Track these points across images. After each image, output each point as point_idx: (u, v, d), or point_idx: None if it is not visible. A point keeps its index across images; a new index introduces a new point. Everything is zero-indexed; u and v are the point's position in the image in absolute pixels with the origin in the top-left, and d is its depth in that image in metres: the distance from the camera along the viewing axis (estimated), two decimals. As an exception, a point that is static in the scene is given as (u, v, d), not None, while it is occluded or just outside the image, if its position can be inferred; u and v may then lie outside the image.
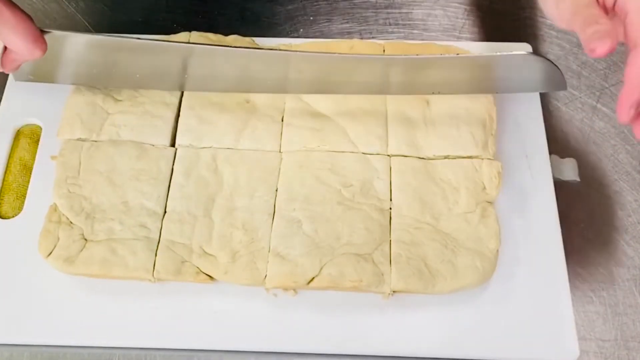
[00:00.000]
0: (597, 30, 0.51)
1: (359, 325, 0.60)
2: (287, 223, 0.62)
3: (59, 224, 0.61)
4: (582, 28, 0.52)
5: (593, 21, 0.51)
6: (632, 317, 0.63)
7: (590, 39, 0.51)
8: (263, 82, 0.66)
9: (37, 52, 0.57)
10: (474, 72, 0.64)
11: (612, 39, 0.50)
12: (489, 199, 0.64)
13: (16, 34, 0.55)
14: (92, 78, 0.67)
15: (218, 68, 0.65)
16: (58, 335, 0.60)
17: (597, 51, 0.50)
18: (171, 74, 0.66)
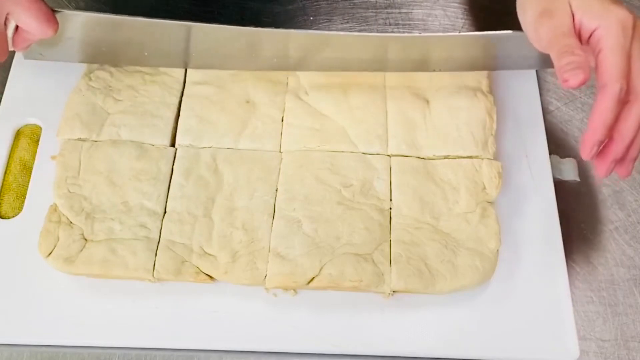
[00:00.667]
0: (571, 61, 0.52)
1: (359, 325, 0.60)
2: (287, 223, 0.62)
3: (59, 224, 0.61)
4: (557, 57, 0.53)
5: (568, 51, 0.52)
6: (632, 317, 0.63)
7: (564, 69, 0.52)
8: (271, 60, 0.67)
9: (50, 31, 0.58)
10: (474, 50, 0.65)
11: (585, 71, 0.51)
12: (489, 199, 0.64)
13: (29, 13, 0.57)
14: (101, 56, 0.68)
15: (223, 46, 0.66)
16: (58, 335, 0.60)
17: (569, 82, 0.51)
18: (178, 51, 0.67)
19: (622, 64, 0.52)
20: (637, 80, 0.53)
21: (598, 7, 0.54)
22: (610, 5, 0.53)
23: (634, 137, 0.53)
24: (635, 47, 0.53)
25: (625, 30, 0.52)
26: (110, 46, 0.67)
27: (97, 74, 0.69)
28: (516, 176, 0.67)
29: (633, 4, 0.81)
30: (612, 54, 0.52)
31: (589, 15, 0.54)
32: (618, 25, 0.52)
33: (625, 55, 0.52)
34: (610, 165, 0.55)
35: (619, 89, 0.51)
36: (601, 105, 0.52)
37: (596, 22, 0.53)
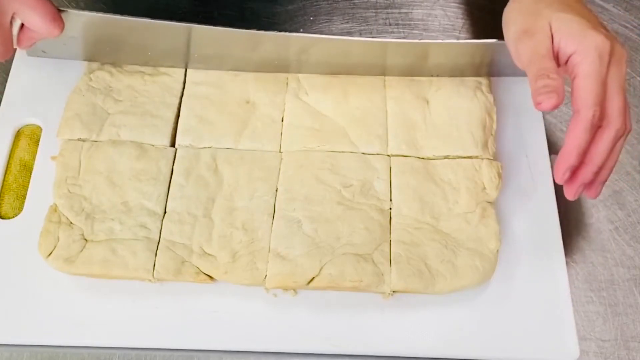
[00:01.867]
0: (546, 84, 0.52)
1: (359, 325, 0.60)
2: (287, 223, 0.62)
3: (59, 224, 0.61)
4: (533, 78, 0.54)
5: (545, 74, 0.53)
6: (632, 317, 0.63)
7: (538, 92, 0.52)
8: (272, 63, 0.67)
9: (56, 30, 0.59)
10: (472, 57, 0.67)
11: (559, 95, 0.52)
12: (489, 199, 0.64)
13: (35, 12, 0.57)
14: (104, 54, 0.69)
15: (226, 47, 0.66)
16: (58, 335, 0.60)
17: (542, 105, 0.52)
18: (179, 52, 0.68)
19: (596, 91, 0.52)
20: (611, 105, 0.53)
21: (577, 31, 0.54)
22: (589, 30, 0.54)
23: (603, 161, 0.54)
24: (612, 73, 0.53)
25: (601, 57, 0.53)
26: (113, 45, 0.67)
27: (97, 74, 0.69)
28: (516, 176, 0.67)
29: (633, 4, 0.81)
30: (586, 80, 0.53)
31: (566, 39, 0.54)
32: (595, 51, 0.53)
33: (600, 82, 0.53)
34: (578, 189, 0.56)
35: (592, 116, 0.52)
36: (574, 131, 0.53)
37: (573, 46, 0.54)
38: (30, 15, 0.57)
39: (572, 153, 0.53)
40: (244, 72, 0.70)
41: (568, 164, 0.54)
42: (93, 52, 0.69)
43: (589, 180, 0.55)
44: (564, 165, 0.54)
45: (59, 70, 0.71)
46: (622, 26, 0.80)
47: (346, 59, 0.67)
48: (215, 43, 0.66)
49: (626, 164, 0.71)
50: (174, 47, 0.67)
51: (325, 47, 0.66)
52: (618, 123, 0.53)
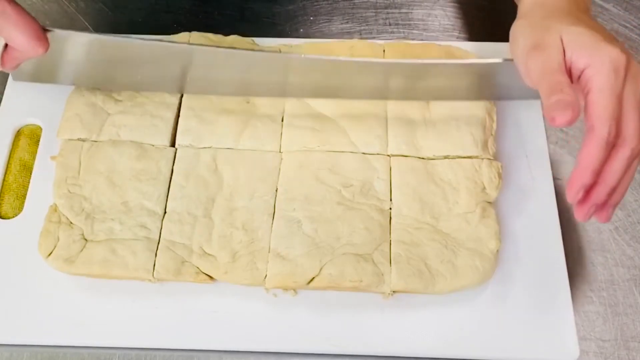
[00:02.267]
0: (560, 99, 0.49)
1: (359, 325, 0.60)
2: (287, 223, 0.62)
3: (59, 224, 0.61)
4: (546, 94, 0.50)
5: (558, 89, 0.50)
6: (632, 317, 0.63)
7: (552, 107, 0.49)
8: (263, 86, 0.66)
9: (40, 49, 0.56)
10: (475, 78, 0.65)
11: (574, 110, 0.48)
12: (488, 199, 0.64)
13: (19, 30, 0.55)
14: (93, 79, 0.67)
15: (219, 71, 0.65)
16: (58, 335, 0.60)
17: (557, 121, 0.49)
18: (172, 76, 0.66)
19: (611, 106, 0.50)
20: (626, 123, 0.50)
21: (590, 44, 0.51)
22: (602, 43, 0.51)
23: (617, 181, 0.51)
24: (628, 88, 0.51)
25: (617, 71, 0.50)
26: (101, 67, 0.65)
27: (97, 74, 0.69)
28: (516, 176, 0.67)
29: (633, 4, 0.81)
30: (601, 95, 0.50)
31: (579, 53, 0.51)
32: (609, 65, 0.50)
33: (615, 97, 0.50)
34: (590, 210, 0.52)
35: (607, 133, 0.49)
36: (588, 148, 0.50)
37: (587, 60, 0.51)
38: (14, 32, 0.55)
39: (586, 171, 0.50)
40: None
41: (581, 183, 0.50)
42: (82, 76, 0.66)
43: (601, 201, 0.52)
44: (577, 184, 0.50)
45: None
46: (622, 26, 0.80)
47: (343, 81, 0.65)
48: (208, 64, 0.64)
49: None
50: (165, 69, 0.65)
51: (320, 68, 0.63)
52: (634, 142, 0.50)
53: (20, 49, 0.56)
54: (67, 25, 0.79)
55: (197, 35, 0.72)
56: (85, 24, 0.79)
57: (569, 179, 0.51)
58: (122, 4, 0.81)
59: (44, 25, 0.57)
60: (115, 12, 0.81)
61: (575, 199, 0.51)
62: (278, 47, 0.72)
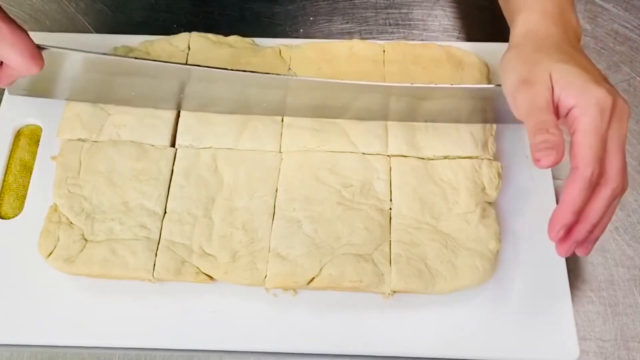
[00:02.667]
0: (545, 139, 0.50)
1: (359, 325, 0.60)
2: (287, 223, 0.62)
3: (59, 224, 0.61)
4: (532, 132, 0.51)
5: (544, 129, 0.51)
6: (632, 317, 0.63)
7: (537, 147, 0.51)
8: (260, 105, 0.66)
9: (34, 68, 0.57)
10: (476, 102, 0.65)
11: (558, 152, 0.50)
12: (488, 199, 0.64)
13: (14, 50, 0.55)
14: (87, 95, 0.67)
15: (214, 90, 0.65)
16: (58, 335, 0.60)
17: (541, 162, 0.50)
18: (167, 94, 0.66)
19: (596, 147, 0.50)
20: (610, 163, 0.51)
21: (578, 84, 0.52)
22: (590, 83, 0.52)
23: (598, 219, 0.52)
24: (613, 129, 0.51)
25: (602, 112, 0.51)
26: (97, 85, 0.66)
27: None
28: (516, 176, 0.67)
29: (633, 4, 0.81)
30: (586, 136, 0.51)
31: (567, 92, 0.52)
32: (596, 106, 0.51)
33: (599, 139, 0.51)
34: (571, 246, 0.53)
35: (590, 174, 0.50)
36: (571, 188, 0.51)
37: (574, 100, 0.52)
38: (8, 51, 0.55)
39: (568, 211, 0.51)
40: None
41: (563, 222, 0.52)
42: (76, 92, 0.67)
43: (582, 238, 0.53)
44: (558, 224, 0.52)
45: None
46: (622, 26, 0.80)
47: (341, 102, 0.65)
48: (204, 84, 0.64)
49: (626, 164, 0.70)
50: (158, 87, 0.65)
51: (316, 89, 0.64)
52: (616, 182, 0.52)
53: (15, 68, 0.57)
54: (67, 25, 0.79)
55: (197, 35, 0.72)
56: (85, 24, 0.79)
57: (551, 217, 0.52)
58: (122, 4, 0.81)
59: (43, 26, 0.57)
60: (115, 12, 0.81)
61: (557, 238, 0.52)
62: (278, 47, 0.72)
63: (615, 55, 0.77)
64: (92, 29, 0.79)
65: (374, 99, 0.65)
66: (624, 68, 0.77)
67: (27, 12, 0.79)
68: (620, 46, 0.78)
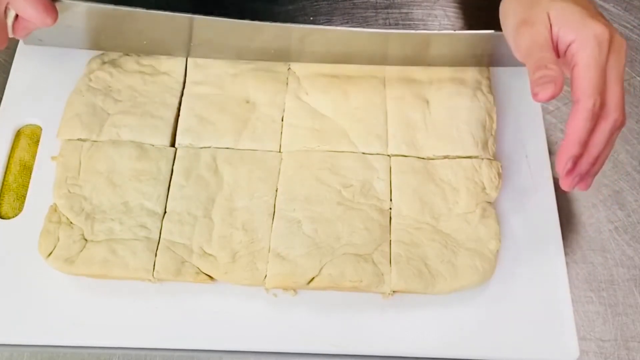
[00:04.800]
0: (544, 75, 0.52)
1: (359, 325, 0.60)
2: (287, 223, 0.62)
3: (59, 224, 0.61)
4: (532, 69, 0.53)
5: (542, 65, 0.52)
6: (632, 317, 0.63)
7: (536, 82, 0.52)
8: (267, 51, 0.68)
9: (49, 20, 0.59)
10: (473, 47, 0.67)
11: (557, 86, 0.51)
12: (488, 199, 0.64)
13: (28, 2, 0.58)
14: (100, 43, 0.70)
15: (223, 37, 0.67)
16: (58, 335, 0.60)
17: (539, 96, 0.51)
18: (177, 41, 0.68)
19: (596, 79, 0.52)
20: (609, 96, 0.53)
21: (575, 20, 0.53)
22: (587, 19, 0.53)
23: (600, 152, 0.54)
24: (611, 62, 0.53)
25: (601, 45, 0.52)
26: (109, 34, 0.68)
27: (97, 75, 0.69)
28: (516, 176, 0.67)
29: (633, 4, 0.81)
30: (586, 69, 0.52)
31: (565, 29, 0.54)
32: (594, 40, 0.52)
33: (600, 70, 0.52)
34: (574, 179, 0.55)
35: (592, 105, 0.51)
36: (575, 121, 0.52)
37: (572, 35, 0.53)
38: (23, 5, 0.58)
39: (574, 143, 0.52)
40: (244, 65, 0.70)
41: (570, 154, 0.53)
42: (89, 41, 0.69)
43: (585, 171, 0.54)
44: (566, 155, 0.53)
45: (59, 71, 0.71)
46: (622, 26, 0.80)
47: (346, 48, 0.67)
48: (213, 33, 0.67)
49: (626, 164, 0.71)
50: (172, 37, 0.68)
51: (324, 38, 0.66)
52: (616, 114, 0.53)
53: (30, 20, 0.59)
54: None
55: None
56: (85, 24, 0.79)
57: (559, 151, 0.53)
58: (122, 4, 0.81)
59: None
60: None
61: (565, 170, 0.53)
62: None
63: (615, 55, 0.77)
64: (92, 29, 0.79)
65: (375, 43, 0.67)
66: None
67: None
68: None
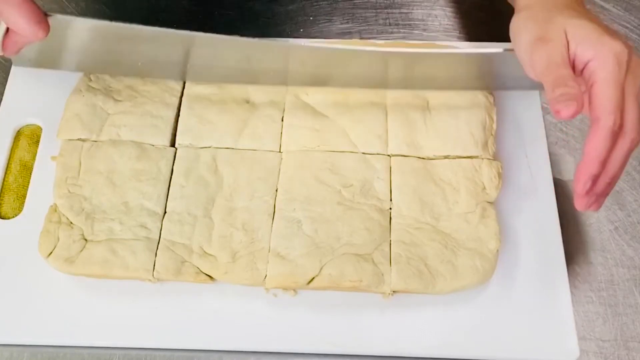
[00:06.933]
0: (565, 92, 0.50)
1: (359, 325, 0.60)
2: (287, 223, 0.62)
3: (59, 224, 0.61)
4: (551, 87, 0.51)
5: (562, 83, 0.51)
6: (632, 317, 0.63)
7: (557, 100, 0.50)
8: (264, 74, 0.66)
9: (40, 33, 0.56)
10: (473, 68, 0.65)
11: (579, 103, 0.49)
12: (488, 199, 0.64)
13: (19, 14, 0.55)
14: (94, 64, 0.67)
15: (219, 58, 0.65)
16: (58, 335, 0.60)
17: (561, 114, 0.50)
18: (173, 63, 0.66)
19: (615, 97, 0.51)
20: (628, 114, 0.51)
21: (593, 37, 0.52)
22: (605, 36, 0.52)
23: (617, 171, 0.52)
24: (629, 81, 0.52)
25: (620, 64, 0.51)
26: (102, 54, 0.65)
27: (97, 75, 0.69)
28: (516, 176, 0.67)
29: (633, 4, 0.81)
30: (606, 86, 0.51)
31: (583, 46, 0.52)
32: (613, 57, 0.51)
33: (619, 89, 0.51)
34: (591, 199, 0.53)
35: (612, 123, 0.50)
36: (594, 139, 0.51)
37: (591, 53, 0.52)
38: (14, 15, 0.55)
39: (594, 162, 0.51)
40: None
41: (590, 173, 0.51)
42: (82, 62, 0.66)
43: (601, 190, 0.53)
44: (585, 174, 0.51)
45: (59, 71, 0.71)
46: (622, 26, 0.80)
47: (343, 69, 0.66)
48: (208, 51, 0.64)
49: (626, 164, 0.71)
50: (166, 55, 0.65)
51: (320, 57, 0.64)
52: (633, 133, 0.51)
53: (21, 33, 0.57)
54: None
55: None
56: (85, 24, 0.79)
57: (577, 170, 0.52)
58: (122, 4, 0.81)
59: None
60: (115, 12, 0.81)
61: (584, 189, 0.52)
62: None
63: (615, 55, 0.77)
64: (92, 29, 0.79)
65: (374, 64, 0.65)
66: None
67: None
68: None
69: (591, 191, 0.52)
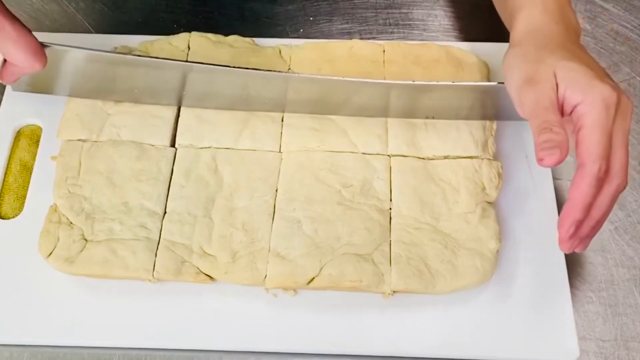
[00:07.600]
0: (549, 139, 0.50)
1: (359, 325, 0.60)
2: (287, 223, 0.62)
3: (59, 224, 0.61)
4: (536, 131, 0.51)
5: (547, 128, 0.51)
6: (632, 317, 0.63)
7: (541, 146, 0.50)
8: (261, 101, 0.66)
9: (37, 65, 0.58)
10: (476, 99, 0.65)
11: (562, 151, 0.50)
12: (488, 199, 0.64)
13: (17, 47, 0.56)
14: (90, 91, 0.67)
15: (216, 86, 0.65)
16: (58, 335, 0.60)
17: (544, 161, 0.50)
18: (169, 90, 0.66)
19: (602, 144, 0.50)
20: (615, 159, 0.51)
21: (582, 81, 0.52)
22: (595, 80, 0.52)
23: (602, 215, 0.52)
24: (617, 125, 0.51)
25: (608, 109, 0.51)
26: (99, 82, 0.66)
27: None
28: (516, 176, 0.67)
29: (633, 4, 0.81)
30: (592, 132, 0.50)
31: (572, 89, 0.52)
32: (601, 102, 0.51)
33: (606, 135, 0.51)
34: (574, 242, 0.53)
35: (598, 169, 0.50)
36: (580, 185, 0.51)
37: (579, 97, 0.52)
38: (12, 48, 0.56)
39: (578, 208, 0.51)
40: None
41: (574, 218, 0.51)
42: (79, 89, 0.67)
43: (585, 234, 0.53)
44: (569, 220, 0.51)
45: (59, 71, 0.71)
46: (622, 26, 0.80)
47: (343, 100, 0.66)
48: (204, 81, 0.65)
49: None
50: (162, 84, 0.66)
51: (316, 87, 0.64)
52: (619, 179, 0.51)
53: (18, 65, 0.58)
54: (67, 25, 0.79)
55: (197, 35, 0.72)
56: (85, 24, 0.79)
57: (561, 215, 0.52)
58: (122, 4, 0.81)
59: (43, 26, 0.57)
60: (115, 12, 0.81)
61: (568, 234, 0.52)
62: (278, 47, 0.72)
63: (615, 55, 0.77)
64: (92, 29, 0.79)
65: (374, 95, 0.65)
66: (624, 68, 0.77)
67: (27, 12, 0.79)
68: (620, 46, 0.78)
69: (575, 235, 0.52)
